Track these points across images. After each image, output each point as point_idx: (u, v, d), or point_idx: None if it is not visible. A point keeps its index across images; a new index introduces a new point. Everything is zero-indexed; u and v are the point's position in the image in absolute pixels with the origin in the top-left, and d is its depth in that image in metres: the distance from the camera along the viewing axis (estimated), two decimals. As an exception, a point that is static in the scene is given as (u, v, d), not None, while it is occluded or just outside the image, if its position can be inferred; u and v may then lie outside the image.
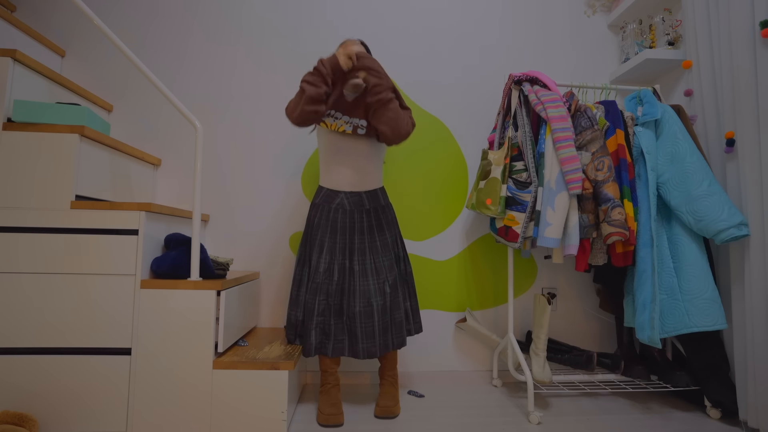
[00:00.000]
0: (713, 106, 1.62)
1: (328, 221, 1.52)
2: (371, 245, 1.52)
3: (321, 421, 1.45)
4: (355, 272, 1.48)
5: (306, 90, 1.41)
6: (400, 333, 1.51)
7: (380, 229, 1.55)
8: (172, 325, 1.33)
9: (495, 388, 1.86)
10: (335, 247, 1.50)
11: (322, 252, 1.49)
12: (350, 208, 1.53)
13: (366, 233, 1.53)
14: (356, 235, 1.52)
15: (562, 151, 1.50)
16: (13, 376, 1.29)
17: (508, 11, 2.12)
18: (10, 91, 1.37)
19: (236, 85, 1.97)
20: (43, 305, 1.31)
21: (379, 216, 1.57)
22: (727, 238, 1.42)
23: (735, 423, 1.51)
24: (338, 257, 1.49)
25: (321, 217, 1.53)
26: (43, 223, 1.32)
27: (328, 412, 1.45)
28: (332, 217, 1.52)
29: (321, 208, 1.54)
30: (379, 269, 1.50)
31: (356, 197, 1.54)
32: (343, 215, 1.53)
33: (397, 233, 1.62)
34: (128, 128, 1.90)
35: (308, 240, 1.54)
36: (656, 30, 1.94)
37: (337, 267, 1.48)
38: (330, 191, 1.55)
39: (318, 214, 1.54)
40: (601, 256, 1.58)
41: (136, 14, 1.96)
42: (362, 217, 1.54)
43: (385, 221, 1.58)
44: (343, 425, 1.45)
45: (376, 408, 1.55)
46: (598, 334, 2.01)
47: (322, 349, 1.46)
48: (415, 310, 1.61)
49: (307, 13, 2.03)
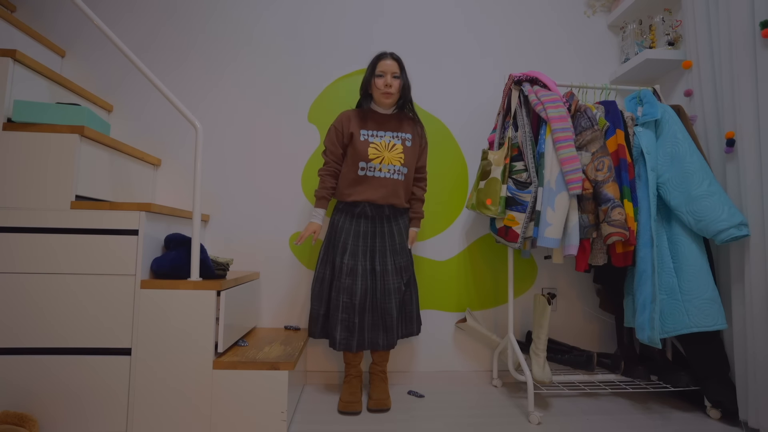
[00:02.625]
0: (713, 107, 1.62)
1: (351, 225, 1.64)
2: (391, 247, 1.65)
3: (341, 407, 1.56)
4: (377, 273, 1.61)
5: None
6: (410, 325, 1.69)
7: (399, 233, 1.68)
8: (172, 325, 1.33)
9: (495, 388, 1.86)
10: (357, 250, 1.61)
11: (345, 254, 1.60)
12: (372, 214, 1.65)
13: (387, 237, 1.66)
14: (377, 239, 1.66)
15: (562, 151, 1.50)
16: (13, 376, 1.29)
17: (508, 11, 2.12)
18: (10, 91, 1.37)
19: (236, 85, 1.97)
20: (43, 305, 1.31)
21: (399, 221, 1.69)
22: (727, 239, 1.42)
23: (735, 423, 1.51)
24: (361, 259, 1.61)
25: (344, 222, 1.65)
26: (43, 223, 1.32)
27: (347, 400, 1.58)
28: (355, 222, 1.65)
29: (344, 213, 1.66)
30: (398, 269, 1.63)
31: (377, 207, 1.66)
32: (365, 221, 1.65)
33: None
34: (128, 128, 1.90)
35: (332, 242, 1.66)
36: (656, 30, 1.94)
37: (361, 268, 1.60)
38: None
39: (342, 218, 1.66)
40: (601, 256, 1.58)
41: (136, 14, 1.96)
42: (383, 222, 1.66)
43: (404, 225, 1.71)
44: (360, 413, 1.56)
45: (369, 401, 1.61)
46: (598, 334, 2.01)
47: (346, 345, 1.57)
48: (418, 312, 1.75)
49: (306, 12, 2.03)
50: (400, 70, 1.62)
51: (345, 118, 1.68)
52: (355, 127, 1.65)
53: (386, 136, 1.65)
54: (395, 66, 1.61)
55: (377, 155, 1.61)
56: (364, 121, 1.67)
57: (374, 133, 1.65)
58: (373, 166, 1.61)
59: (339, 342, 1.56)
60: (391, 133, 1.66)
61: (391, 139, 1.65)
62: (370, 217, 1.63)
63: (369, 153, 1.61)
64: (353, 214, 1.63)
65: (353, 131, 1.64)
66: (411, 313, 1.69)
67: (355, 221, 1.63)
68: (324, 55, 2.01)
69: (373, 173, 1.61)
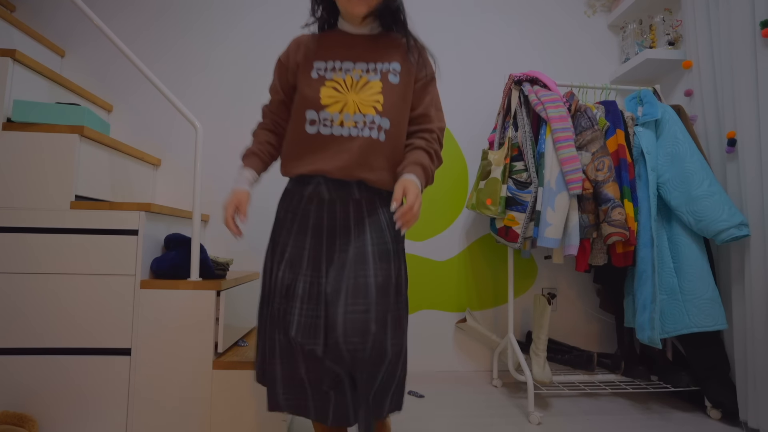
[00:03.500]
0: (713, 106, 1.62)
1: (296, 216, 1.14)
2: (357, 254, 1.07)
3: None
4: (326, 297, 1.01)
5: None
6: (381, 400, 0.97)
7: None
8: (172, 325, 1.33)
9: (495, 388, 1.86)
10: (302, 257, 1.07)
11: (281, 263, 1.09)
12: (329, 197, 1.11)
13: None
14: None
15: (562, 151, 1.50)
16: (13, 376, 1.28)
17: (509, 11, 2.12)
18: (10, 91, 1.37)
19: (236, 84, 1.97)
20: (43, 305, 1.31)
21: (377, 211, 1.17)
22: (727, 239, 1.41)
23: (735, 423, 1.51)
24: (306, 271, 1.08)
25: (288, 210, 1.15)
26: (43, 223, 1.32)
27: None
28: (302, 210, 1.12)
29: (290, 197, 1.16)
30: (362, 291, 0.98)
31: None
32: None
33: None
34: (128, 128, 1.90)
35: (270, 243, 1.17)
36: (656, 30, 1.94)
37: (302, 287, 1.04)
38: None
39: (286, 205, 1.17)
40: (602, 256, 1.58)
41: (136, 14, 1.96)
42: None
43: (386, 218, 1.19)
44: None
45: None
46: (598, 334, 2.01)
47: (297, 409, 1.00)
48: (402, 379, 1.01)
49: (306, 12, 2.02)
50: None
51: (294, 46, 1.08)
52: (307, 56, 1.04)
53: (355, 69, 1.01)
54: None
55: (335, 99, 0.98)
56: (323, 48, 1.04)
57: (334, 65, 1.01)
58: (328, 117, 0.97)
59: (283, 403, 0.98)
60: (363, 63, 1.01)
61: (363, 74, 1.00)
62: (326, 202, 1.00)
63: (322, 96, 0.98)
64: (301, 198, 1.02)
65: (300, 63, 1.04)
66: (389, 380, 0.95)
67: (303, 209, 1.02)
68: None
69: (329, 130, 0.97)
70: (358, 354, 0.87)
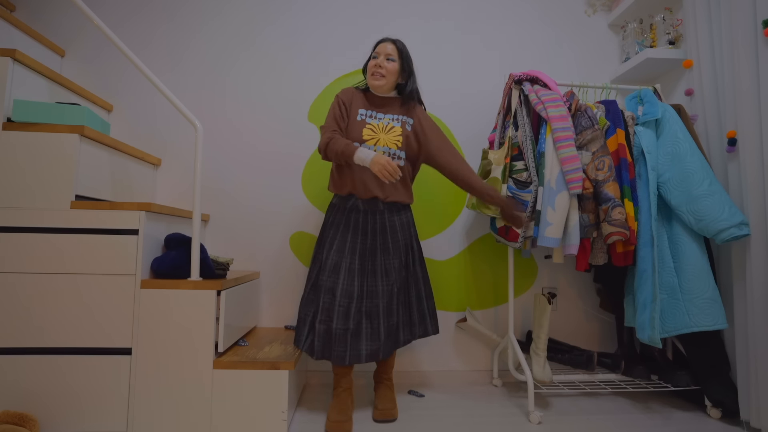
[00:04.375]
0: (714, 106, 1.61)
1: (342, 219, 1.53)
2: (383, 246, 1.52)
3: (327, 428, 1.38)
4: (366, 272, 1.48)
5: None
6: (422, 324, 1.57)
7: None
8: (172, 325, 1.33)
9: (495, 388, 1.86)
10: (345, 246, 1.49)
11: (331, 249, 1.50)
12: (363, 208, 1.52)
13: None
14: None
15: (563, 150, 1.50)
16: (13, 376, 1.29)
17: (509, 10, 2.11)
18: (10, 91, 1.37)
19: (236, 84, 1.97)
20: (44, 305, 1.31)
21: (395, 216, 1.55)
22: (727, 238, 1.41)
23: (736, 423, 1.51)
24: (348, 256, 1.49)
25: (335, 215, 1.54)
26: (43, 223, 1.32)
27: (334, 419, 1.39)
28: (346, 216, 1.53)
29: (337, 207, 1.56)
30: (387, 271, 1.48)
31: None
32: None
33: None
34: (128, 128, 1.90)
35: (320, 237, 1.57)
36: (657, 29, 1.94)
37: (345, 265, 1.47)
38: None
39: (333, 212, 1.56)
40: (602, 255, 1.58)
41: (137, 14, 1.96)
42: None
43: (404, 220, 1.58)
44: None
45: (374, 411, 1.51)
46: (598, 333, 2.01)
47: (332, 356, 1.38)
48: (433, 309, 1.61)
49: (306, 11, 2.03)
50: (398, 55, 1.51)
51: (349, 93, 1.56)
52: (356, 104, 1.53)
53: (385, 118, 1.51)
54: (391, 49, 1.50)
55: (372, 137, 1.46)
56: (364, 100, 1.55)
57: (372, 114, 1.52)
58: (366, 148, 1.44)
59: (318, 351, 1.39)
60: (390, 115, 1.52)
61: (390, 121, 1.51)
62: (362, 212, 1.48)
63: (363, 134, 1.46)
64: (345, 208, 1.50)
65: (353, 108, 1.52)
66: (422, 311, 1.56)
67: (346, 215, 1.49)
68: (324, 54, 2.01)
69: None
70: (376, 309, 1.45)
